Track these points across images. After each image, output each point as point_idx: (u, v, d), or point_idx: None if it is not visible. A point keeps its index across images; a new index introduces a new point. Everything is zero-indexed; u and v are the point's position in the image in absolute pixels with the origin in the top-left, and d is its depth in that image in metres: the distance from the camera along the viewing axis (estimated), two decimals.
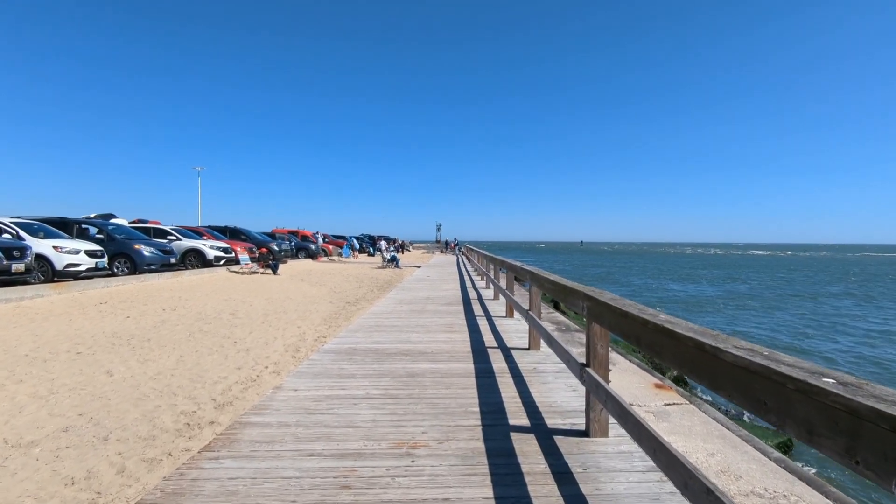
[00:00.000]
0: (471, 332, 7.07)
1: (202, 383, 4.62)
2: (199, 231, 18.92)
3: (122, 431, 3.39)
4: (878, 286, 32.22)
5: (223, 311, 9.07)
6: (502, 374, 4.88)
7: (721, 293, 27.43)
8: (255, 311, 9.11)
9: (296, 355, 5.92)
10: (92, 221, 14.06)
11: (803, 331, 15.95)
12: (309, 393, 4.25)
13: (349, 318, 8.69)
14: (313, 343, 6.61)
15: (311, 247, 29.72)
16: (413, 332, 7.13)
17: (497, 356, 5.65)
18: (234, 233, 21.73)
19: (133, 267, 13.27)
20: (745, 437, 3.30)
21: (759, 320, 18.24)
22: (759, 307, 21.86)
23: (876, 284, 33.66)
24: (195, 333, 6.96)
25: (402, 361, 5.36)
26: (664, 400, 4.17)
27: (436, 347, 6.09)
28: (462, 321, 8.07)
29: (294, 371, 4.89)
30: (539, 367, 5.15)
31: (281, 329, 7.50)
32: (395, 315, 8.70)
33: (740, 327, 16.72)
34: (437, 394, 4.25)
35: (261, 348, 6.22)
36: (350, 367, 5.13)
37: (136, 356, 5.55)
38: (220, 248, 16.93)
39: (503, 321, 8.08)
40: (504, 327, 7.50)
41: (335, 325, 7.94)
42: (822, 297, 25.77)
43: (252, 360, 5.57)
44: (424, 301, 10.73)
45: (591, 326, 3.30)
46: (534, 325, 5.59)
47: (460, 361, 5.39)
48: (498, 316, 8.62)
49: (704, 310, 21.34)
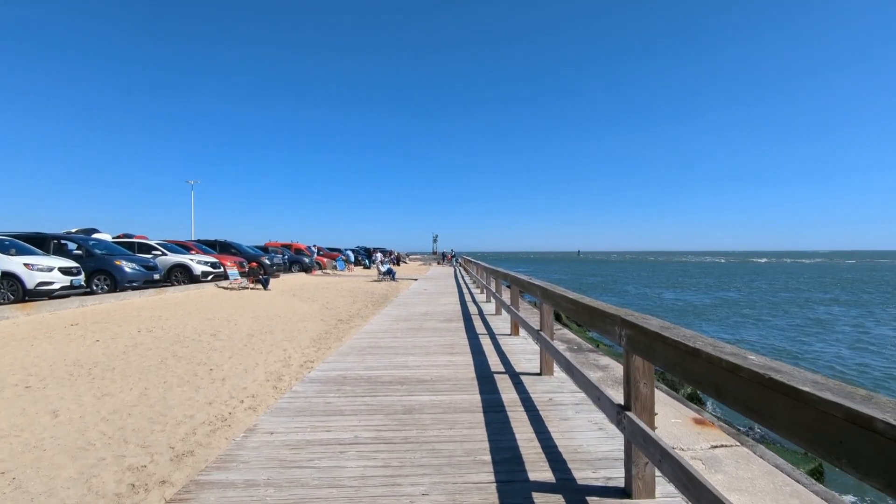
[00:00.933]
0: (474, 355, 6.40)
1: (163, 425, 3.93)
2: (186, 245, 18.21)
3: (47, 499, 2.71)
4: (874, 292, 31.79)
5: (204, 331, 8.37)
6: (514, 408, 4.21)
7: (716, 300, 26.88)
8: (239, 332, 8.41)
9: (277, 385, 5.23)
10: (70, 237, 13.36)
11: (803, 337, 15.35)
12: (287, 437, 3.58)
13: (340, 338, 8.01)
14: (299, 369, 5.93)
15: (306, 260, 29.02)
16: (410, 354, 6.46)
17: (506, 384, 4.99)
18: (225, 247, 21.01)
19: (113, 284, 12.54)
20: (823, 494, 2.64)
21: (763, 328, 17.64)
22: (761, 314, 21.28)
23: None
24: (168, 359, 6.25)
25: (397, 392, 4.69)
26: (709, 440, 3.52)
27: (436, 374, 5.42)
28: (464, 340, 7.40)
29: (273, 407, 4.21)
30: (555, 398, 4.48)
31: (265, 353, 6.81)
32: (391, 334, 8.02)
33: (745, 335, 16.12)
34: (438, 436, 3.58)
35: (239, 377, 5.53)
36: (338, 400, 4.46)
37: (93, 390, 4.85)
38: (207, 262, 16.21)
39: (508, 340, 7.42)
40: (510, 347, 6.84)
41: (325, 347, 7.26)
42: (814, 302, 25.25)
43: (227, 393, 4.88)
44: (422, 317, 10.07)
45: (632, 360, 2.66)
46: (546, 348, 4.94)
47: (464, 391, 4.72)
48: (502, 334, 7.96)
49: (702, 318, 20.73)
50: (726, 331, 17.70)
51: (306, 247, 32.12)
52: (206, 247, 19.81)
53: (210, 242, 20.77)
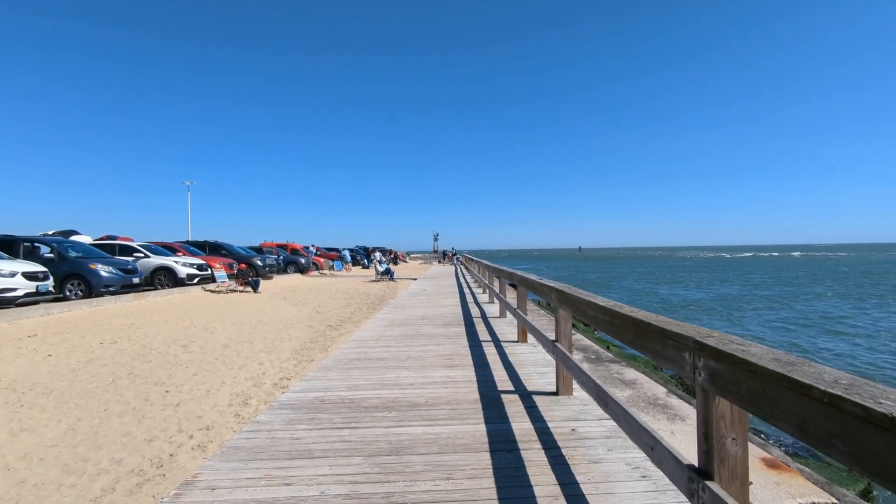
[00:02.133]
0: (477, 368, 5.52)
1: (79, 475, 3.06)
2: (173, 247, 17.33)
3: None
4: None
5: (175, 342, 7.49)
6: (528, 444, 3.33)
7: (714, 296, 25.97)
8: (215, 342, 7.54)
9: (241, 412, 4.36)
10: (43, 239, 12.50)
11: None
12: (232, 495, 2.70)
13: (327, 347, 7.13)
14: (271, 389, 5.05)
15: (301, 261, 28.14)
16: (403, 367, 5.58)
17: (516, 408, 4.11)
18: (215, 248, 20.13)
19: (88, 289, 11.68)
20: None
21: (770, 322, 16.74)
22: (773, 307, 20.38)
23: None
24: (121, 378, 5.38)
25: (384, 422, 3.81)
26: (793, 493, 2.63)
27: (432, 394, 4.54)
28: (465, 349, 6.53)
29: (226, 445, 3.34)
30: (579, 429, 3.60)
31: (237, 368, 5.94)
32: (383, 343, 7.15)
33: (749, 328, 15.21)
34: (432, 492, 2.70)
35: (198, 400, 4.66)
36: (309, 434, 3.58)
37: (12, 423, 3.97)
38: (193, 265, 15.33)
39: (516, 348, 6.54)
40: (518, 358, 5.96)
41: (307, 360, 6.38)
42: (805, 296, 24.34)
43: (176, 424, 4.01)
44: (419, 322, 9.19)
45: (715, 405, 1.78)
46: (565, 364, 4.06)
47: (466, 419, 3.84)
48: (508, 341, 7.08)
49: (709, 313, 19.83)
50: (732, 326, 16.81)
51: (303, 247, 31.26)
52: (195, 248, 18.93)
53: (199, 243, 19.88)
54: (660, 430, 4.31)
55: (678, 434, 3.78)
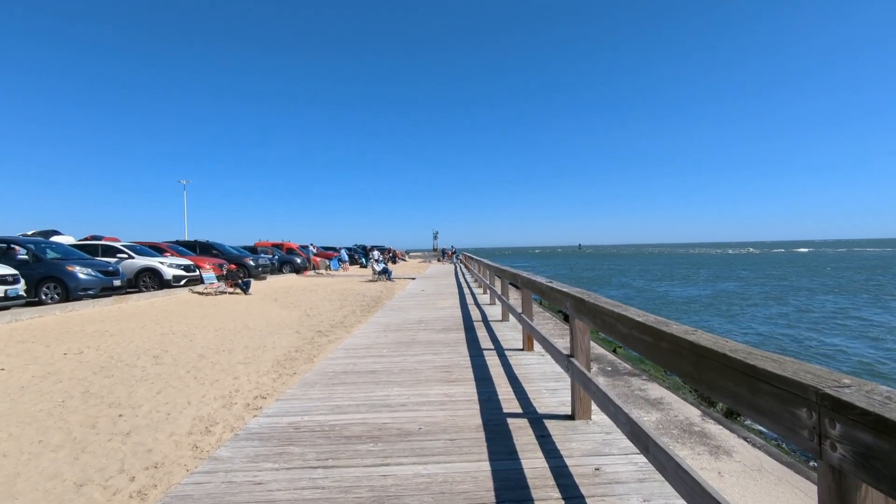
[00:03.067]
0: (478, 382, 4.87)
1: None
2: (160, 247, 16.66)
3: None
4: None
5: (147, 352, 6.84)
6: (545, 494, 2.68)
7: (713, 292, 25.32)
8: (191, 351, 6.88)
9: (201, 443, 3.70)
10: (17, 240, 11.83)
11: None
12: None
13: (312, 358, 6.48)
14: (242, 412, 4.39)
15: (297, 260, 27.46)
16: (395, 383, 4.93)
17: (526, 437, 3.45)
18: (205, 247, 19.43)
19: (66, 293, 11.02)
20: None
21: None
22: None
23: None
24: (73, 398, 4.72)
25: (367, 458, 3.16)
26: None
27: (426, 418, 3.89)
28: (465, 360, 5.87)
29: (169, 495, 2.70)
30: (605, 469, 2.94)
31: (208, 383, 5.28)
32: (375, 352, 6.50)
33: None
34: None
35: (153, 427, 3.99)
36: (274, 476, 2.93)
37: None
38: (180, 266, 14.64)
39: (521, 358, 5.89)
40: (525, 370, 5.31)
41: (288, 373, 5.73)
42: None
43: (118, 461, 3.35)
44: (416, 326, 8.54)
45: (861, 496, 1.12)
46: (583, 385, 3.41)
47: (466, 454, 3.18)
48: (513, 349, 6.42)
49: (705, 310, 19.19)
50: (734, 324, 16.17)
51: (299, 246, 30.59)
52: (184, 248, 18.24)
53: (189, 243, 19.19)
54: (703, 471, 3.66)
55: (727, 476, 3.13)
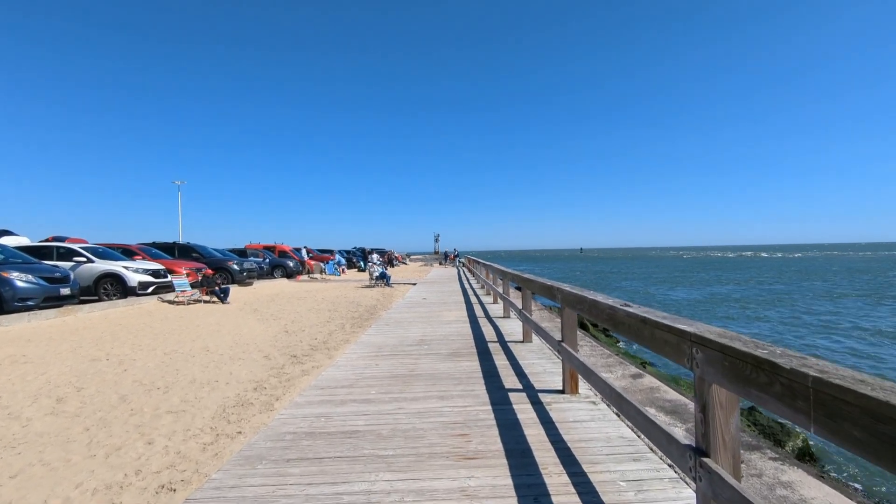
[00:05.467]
0: (512, 462, 3.12)
1: None
2: (131, 249, 14.93)
3: None
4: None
5: (54, 390, 5.09)
6: None
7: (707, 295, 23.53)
8: (113, 391, 5.12)
9: None
10: None
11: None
12: None
13: (273, 403, 4.71)
14: None
15: (290, 264, 25.73)
16: (383, 461, 3.17)
17: None
18: (185, 250, 17.66)
19: (0, 303, 9.28)
20: None
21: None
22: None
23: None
24: None
25: None
26: None
27: None
28: (486, 409, 4.13)
29: None
30: None
31: (103, 454, 3.52)
32: (360, 392, 4.75)
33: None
34: None
35: None
36: None
37: None
38: (148, 271, 12.85)
39: (564, 407, 4.13)
40: (577, 432, 3.55)
41: (230, 433, 3.96)
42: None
43: None
44: (416, 349, 6.79)
45: None
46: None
47: None
48: (549, 390, 4.66)
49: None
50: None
51: (291, 249, 28.86)
52: (160, 251, 16.47)
53: (167, 245, 17.40)
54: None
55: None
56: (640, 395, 4.39)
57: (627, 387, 4.84)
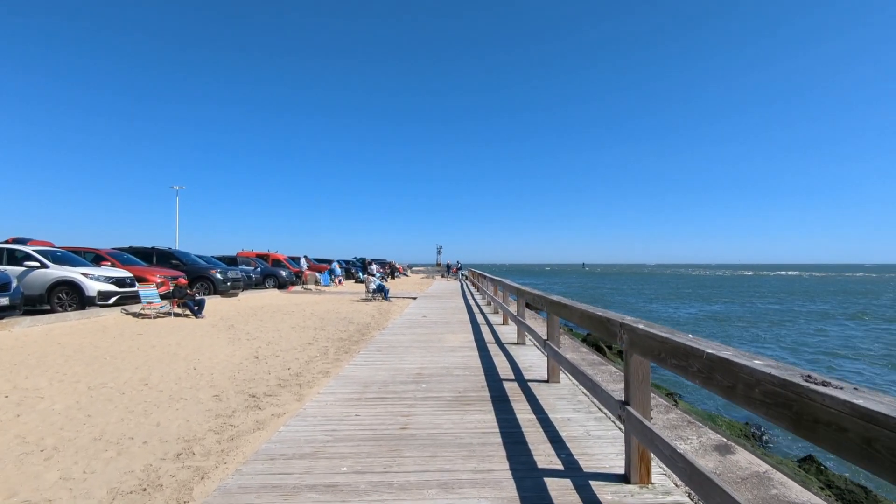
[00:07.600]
0: None
1: None
2: (99, 254, 13.45)
3: None
4: None
5: None
6: None
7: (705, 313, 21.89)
8: None
9: None
10: None
11: None
12: None
13: (190, 488, 3.16)
14: None
15: (282, 274, 24.22)
16: None
17: None
18: (165, 256, 16.16)
19: None
20: None
21: None
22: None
23: None
24: None
25: None
26: None
27: None
28: None
29: None
30: None
31: None
32: (324, 471, 3.21)
33: None
34: None
35: None
36: None
37: None
38: (111, 279, 11.33)
39: (624, 488, 2.58)
40: None
41: None
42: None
43: None
44: (412, 388, 5.26)
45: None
46: None
47: None
48: (604, 473, 3.10)
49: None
50: None
51: (286, 258, 27.37)
52: (135, 257, 14.96)
53: (144, 250, 15.88)
54: None
55: None
56: (748, 494, 2.83)
57: (719, 470, 3.25)
